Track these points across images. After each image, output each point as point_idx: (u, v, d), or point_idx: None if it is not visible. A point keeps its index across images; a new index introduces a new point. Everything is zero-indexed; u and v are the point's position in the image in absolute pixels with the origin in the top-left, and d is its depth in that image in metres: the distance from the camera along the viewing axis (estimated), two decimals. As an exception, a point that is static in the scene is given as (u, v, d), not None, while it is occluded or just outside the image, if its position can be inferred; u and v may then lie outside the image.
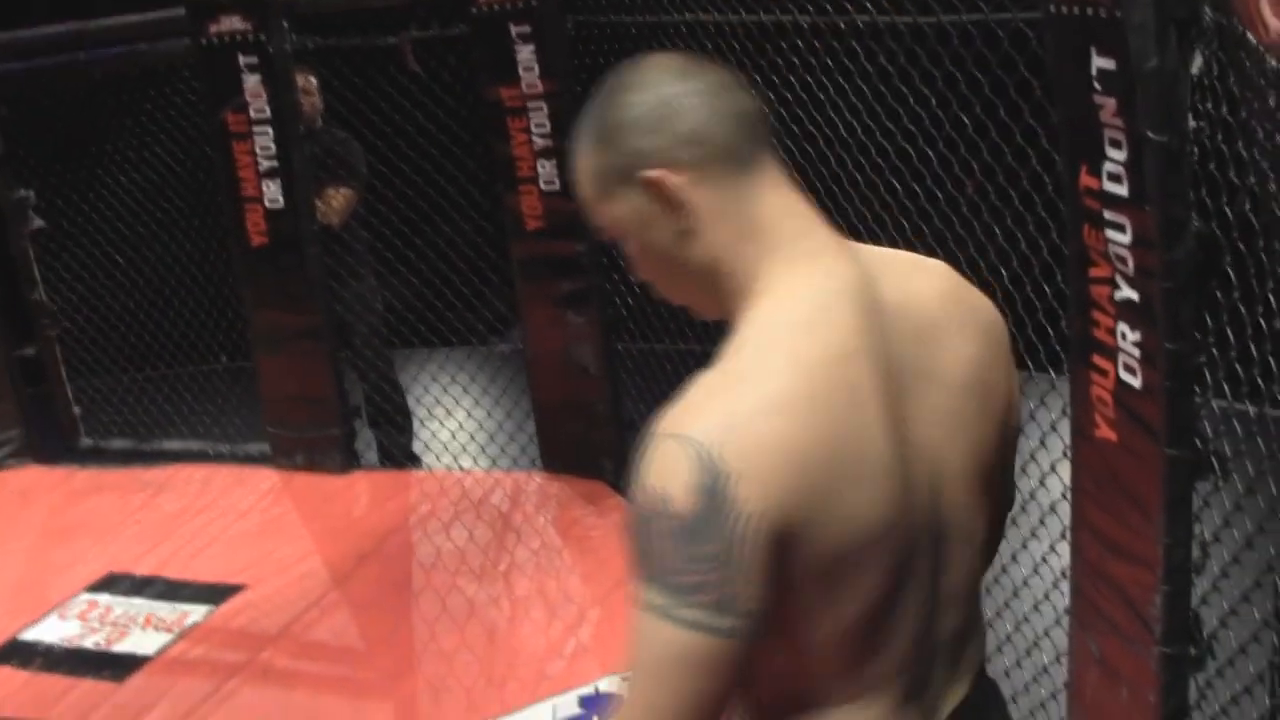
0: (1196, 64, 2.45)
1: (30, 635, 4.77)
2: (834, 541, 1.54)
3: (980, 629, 1.86)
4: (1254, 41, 2.17)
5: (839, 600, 1.58)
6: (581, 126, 1.71)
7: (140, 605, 4.92)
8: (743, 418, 1.51)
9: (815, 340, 1.58)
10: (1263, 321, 2.53)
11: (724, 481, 1.48)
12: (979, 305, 1.82)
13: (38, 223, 6.39)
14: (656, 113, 1.64)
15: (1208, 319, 2.60)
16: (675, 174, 1.63)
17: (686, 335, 5.54)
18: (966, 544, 1.74)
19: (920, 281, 1.76)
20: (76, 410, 6.66)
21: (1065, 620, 3.28)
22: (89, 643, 4.69)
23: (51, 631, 4.78)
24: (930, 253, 3.83)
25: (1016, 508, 3.77)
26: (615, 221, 1.69)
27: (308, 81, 5.86)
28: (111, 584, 5.12)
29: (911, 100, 3.95)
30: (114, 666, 4.50)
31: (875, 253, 1.76)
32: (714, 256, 1.65)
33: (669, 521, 1.50)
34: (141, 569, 5.23)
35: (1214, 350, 2.62)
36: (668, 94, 1.64)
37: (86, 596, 5.03)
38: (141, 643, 4.64)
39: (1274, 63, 2.15)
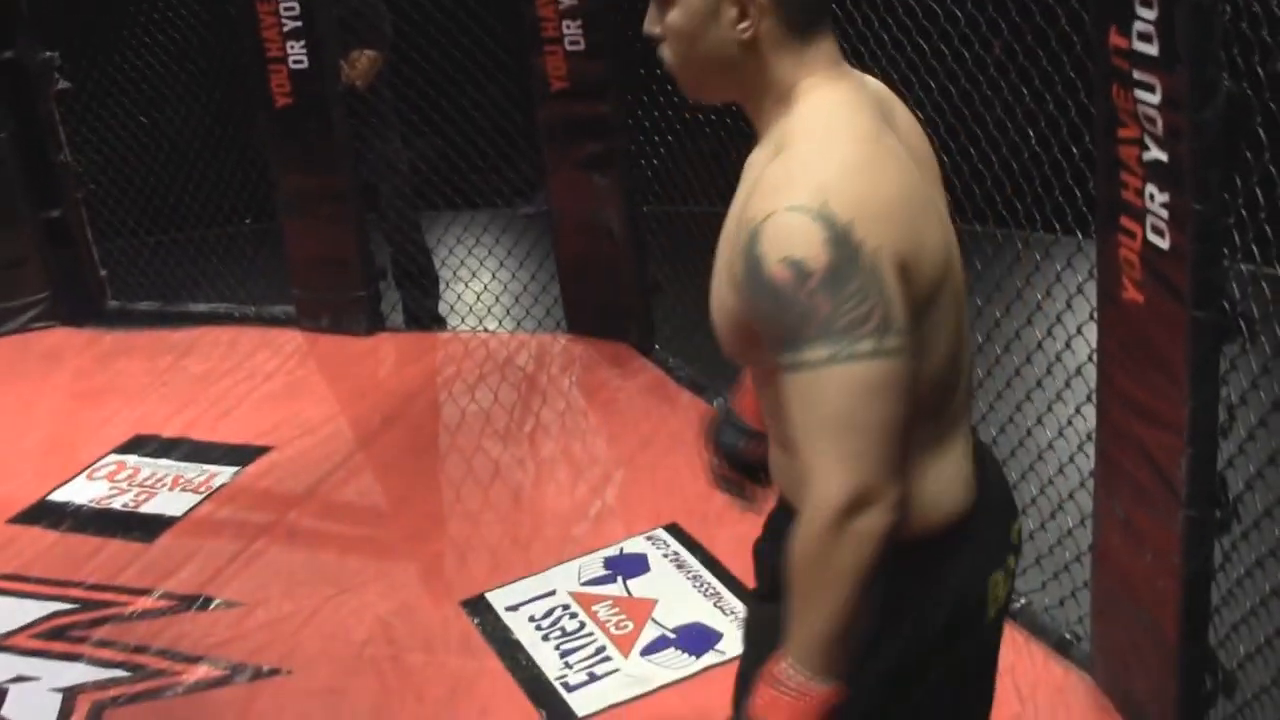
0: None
1: (59, 496, 4.81)
2: (930, 273, 1.72)
3: None
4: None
5: (938, 328, 1.76)
6: None
7: (168, 466, 4.96)
8: (834, 178, 1.67)
9: (861, 120, 1.77)
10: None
11: (844, 229, 1.63)
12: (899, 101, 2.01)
13: (63, 84, 6.36)
14: None
15: (1237, 180, 2.57)
16: None
17: (712, 197, 5.53)
18: (967, 296, 1.91)
19: (874, 84, 1.95)
20: (103, 272, 6.67)
21: (1090, 483, 3.27)
22: (117, 503, 4.73)
23: (80, 492, 4.83)
24: (957, 114, 3.81)
25: (1042, 370, 3.79)
26: (686, 10, 1.78)
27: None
28: (139, 445, 5.17)
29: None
30: (142, 527, 4.54)
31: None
32: (760, 70, 1.80)
33: (812, 279, 1.62)
34: (169, 430, 5.26)
35: (1243, 212, 2.59)
36: None
37: (114, 458, 5.07)
38: (169, 503, 4.69)
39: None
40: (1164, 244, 2.65)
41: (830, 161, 1.70)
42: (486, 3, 5.89)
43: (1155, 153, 2.61)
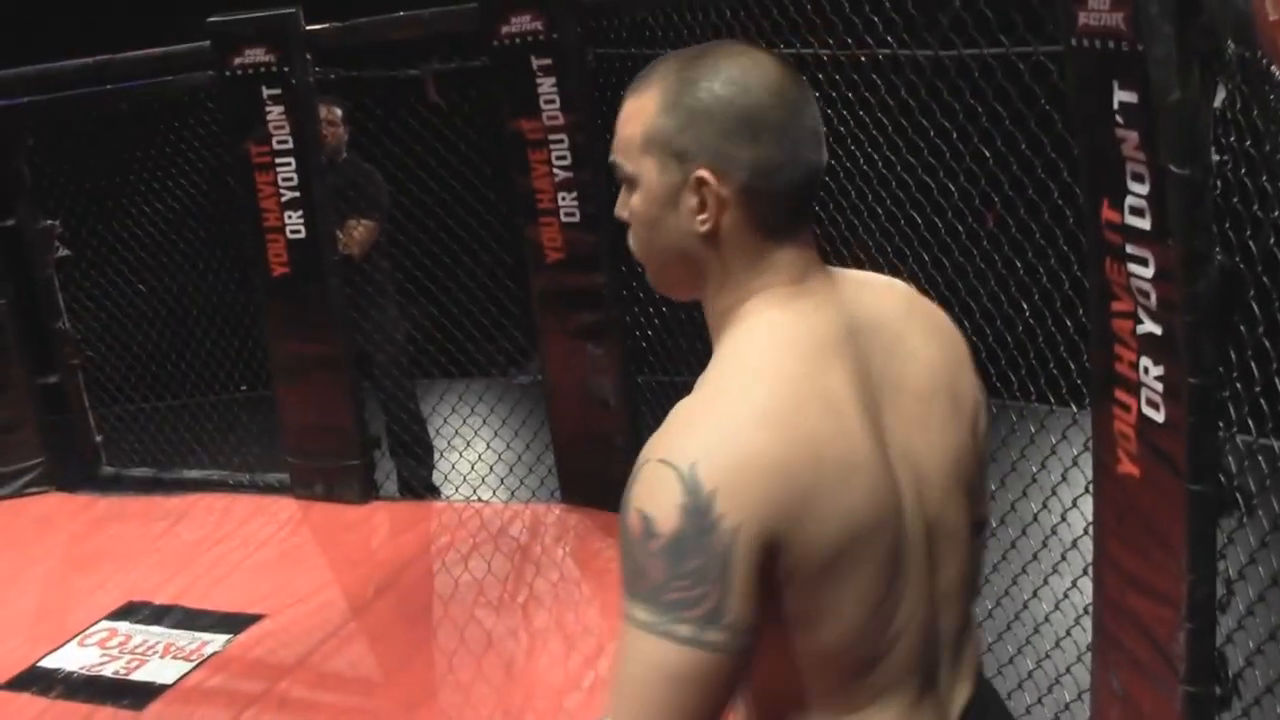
0: (1219, 97, 2.44)
1: (50, 663, 4.75)
2: (824, 544, 1.56)
3: (974, 629, 1.88)
4: (1277, 75, 2.16)
5: (839, 602, 1.60)
6: (661, 73, 1.71)
7: (159, 634, 4.92)
8: (720, 435, 1.55)
9: (795, 356, 1.63)
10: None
11: (705, 499, 1.51)
12: (937, 315, 1.86)
13: (62, 251, 6.42)
14: (741, 119, 1.64)
15: (1231, 353, 2.59)
16: (724, 185, 1.64)
17: (706, 366, 5.55)
18: (954, 542, 1.75)
19: (887, 298, 1.80)
20: (98, 438, 6.69)
21: (1087, 657, 3.25)
22: (108, 671, 4.67)
23: (71, 659, 4.77)
24: (951, 286, 3.84)
25: (1038, 542, 3.79)
26: (642, 181, 1.70)
27: (331, 112, 5.90)
28: (131, 612, 5.12)
29: (932, 133, 3.94)
30: (133, 695, 4.48)
31: (850, 275, 1.81)
32: (719, 267, 1.69)
33: (655, 541, 1.52)
34: (161, 597, 5.22)
35: (1238, 384, 2.61)
36: (762, 106, 1.64)
37: (106, 624, 5.02)
38: (160, 671, 4.63)
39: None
40: (1159, 417, 2.66)
41: (723, 417, 1.57)
42: (481, 173, 5.96)
43: (1149, 325, 2.63)
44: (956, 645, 1.80)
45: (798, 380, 1.60)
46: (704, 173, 1.64)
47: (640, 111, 1.70)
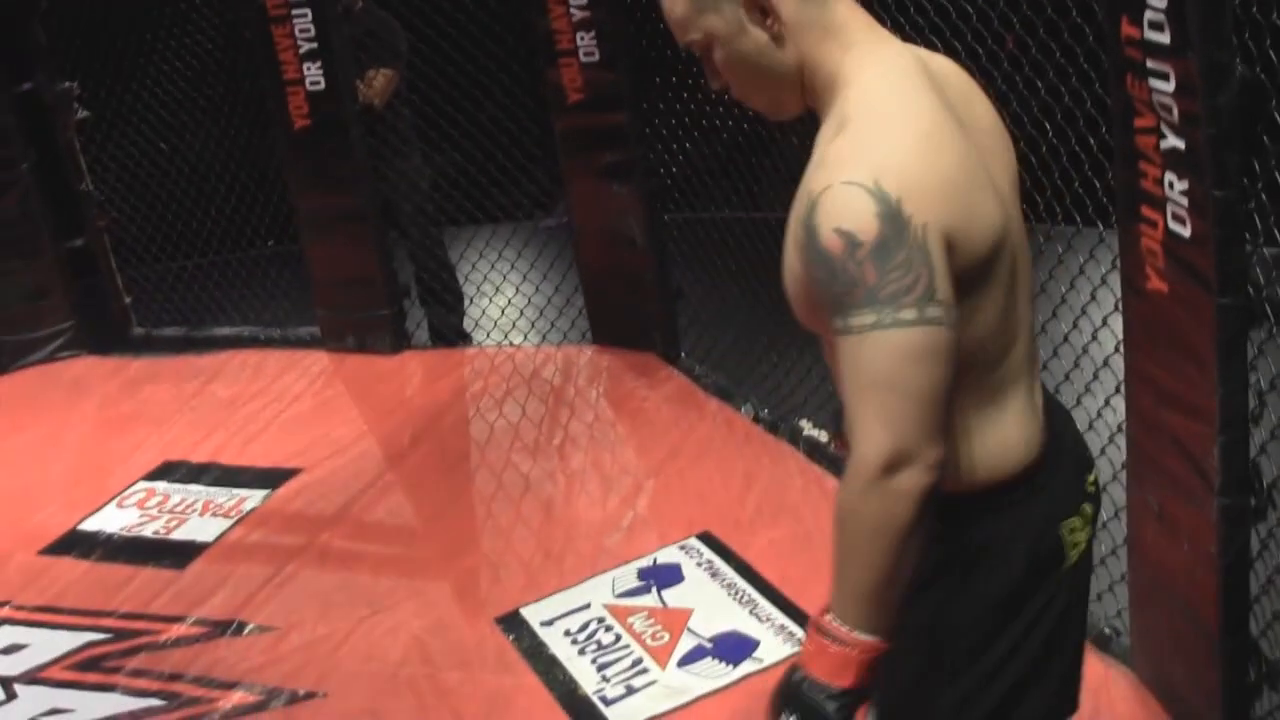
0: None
1: (90, 525, 4.82)
2: (977, 246, 1.79)
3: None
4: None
5: (985, 300, 1.84)
6: None
7: (197, 492, 4.97)
8: (888, 153, 1.74)
9: (912, 93, 1.84)
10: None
11: (895, 203, 1.70)
12: (968, 77, 2.07)
13: (82, 113, 6.39)
14: None
15: (1255, 165, 2.55)
16: None
17: (732, 202, 5.52)
18: (1026, 261, 1.99)
19: (941, 58, 2.05)
20: (127, 300, 6.70)
21: (1122, 475, 3.25)
22: (148, 531, 4.74)
23: (110, 521, 4.84)
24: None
25: (1070, 362, 3.77)
26: (709, 33, 1.88)
27: (345, -39, 5.81)
28: (168, 472, 5.18)
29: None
30: (174, 554, 4.54)
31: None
32: (801, 56, 1.88)
33: (861, 249, 1.70)
34: (197, 456, 5.28)
35: (1263, 197, 2.57)
36: None
37: (144, 485, 5.08)
38: (200, 529, 4.69)
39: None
40: (1186, 232, 2.63)
41: (884, 140, 1.77)
42: (499, 16, 5.89)
43: (1172, 140, 2.60)
44: (1036, 349, 2.06)
45: (926, 110, 1.82)
46: None
47: None
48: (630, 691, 3.57)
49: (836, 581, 1.80)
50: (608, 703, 3.53)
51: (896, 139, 1.77)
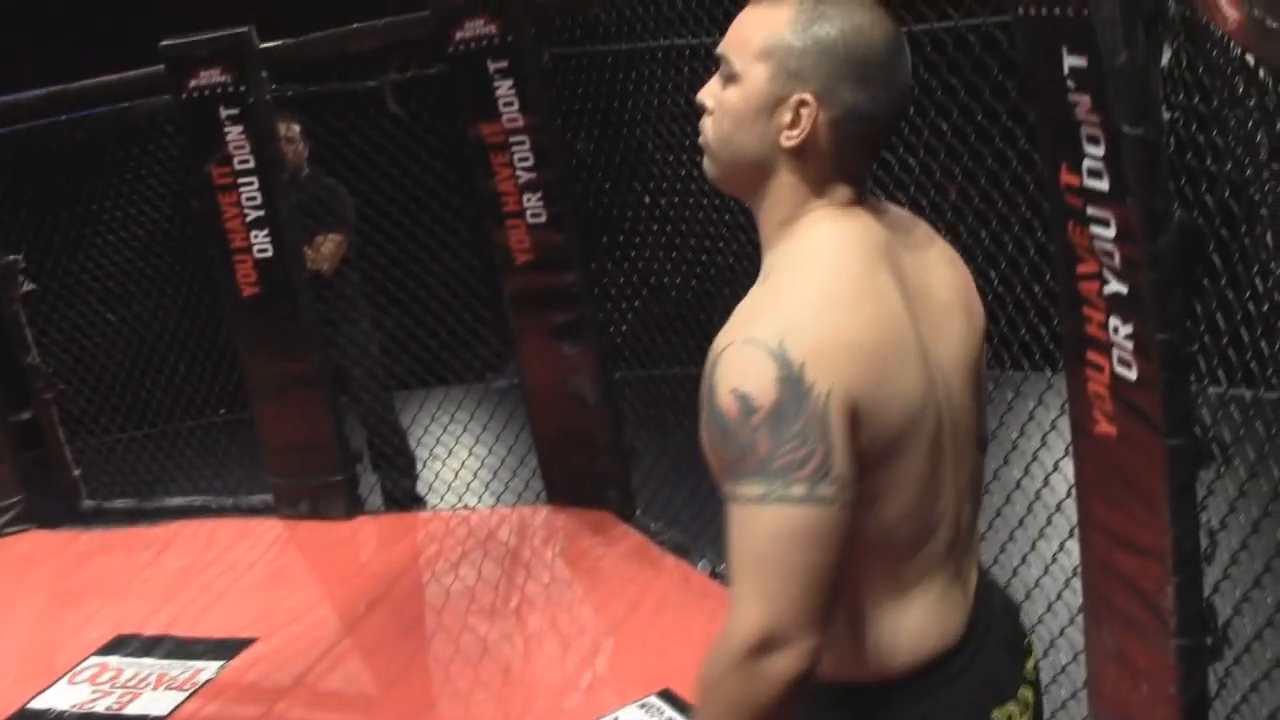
0: (1166, 57, 2.47)
1: (40, 703, 4.72)
2: (890, 421, 1.72)
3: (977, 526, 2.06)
4: (1216, 31, 2.19)
5: (899, 481, 1.76)
6: None
7: (151, 665, 4.89)
8: (799, 315, 1.70)
9: (854, 254, 1.79)
10: (1251, 305, 2.53)
11: (797, 369, 1.65)
12: (947, 246, 2.03)
13: (28, 286, 6.39)
14: (858, 64, 1.78)
15: (1197, 307, 2.60)
16: (821, 114, 1.78)
17: (683, 358, 5.55)
18: (969, 445, 1.93)
19: (914, 223, 1.99)
20: (76, 472, 6.64)
21: (1080, 619, 3.26)
22: (100, 707, 4.64)
23: (62, 698, 4.74)
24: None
25: (1023, 508, 3.80)
26: (747, 80, 1.82)
27: (290, 129, 5.87)
28: (120, 645, 5.09)
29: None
30: (128, 729, 4.46)
31: (882, 202, 1.98)
32: (788, 181, 1.83)
33: (756, 415, 1.65)
34: (150, 628, 5.19)
35: (1205, 337, 2.62)
36: (878, 59, 1.79)
37: (96, 660, 5.00)
38: (154, 703, 4.61)
39: (1237, 50, 2.17)
40: (1132, 375, 2.67)
41: (799, 297, 1.73)
42: (445, 181, 5.95)
43: (1115, 285, 2.65)
44: (971, 535, 1.98)
45: (860, 274, 1.77)
46: (809, 97, 1.77)
47: (769, 21, 1.82)
48: None
49: None
50: None
51: (810, 297, 1.73)
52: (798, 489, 1.64)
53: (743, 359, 1.67)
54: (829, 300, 1.72)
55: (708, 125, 1.89)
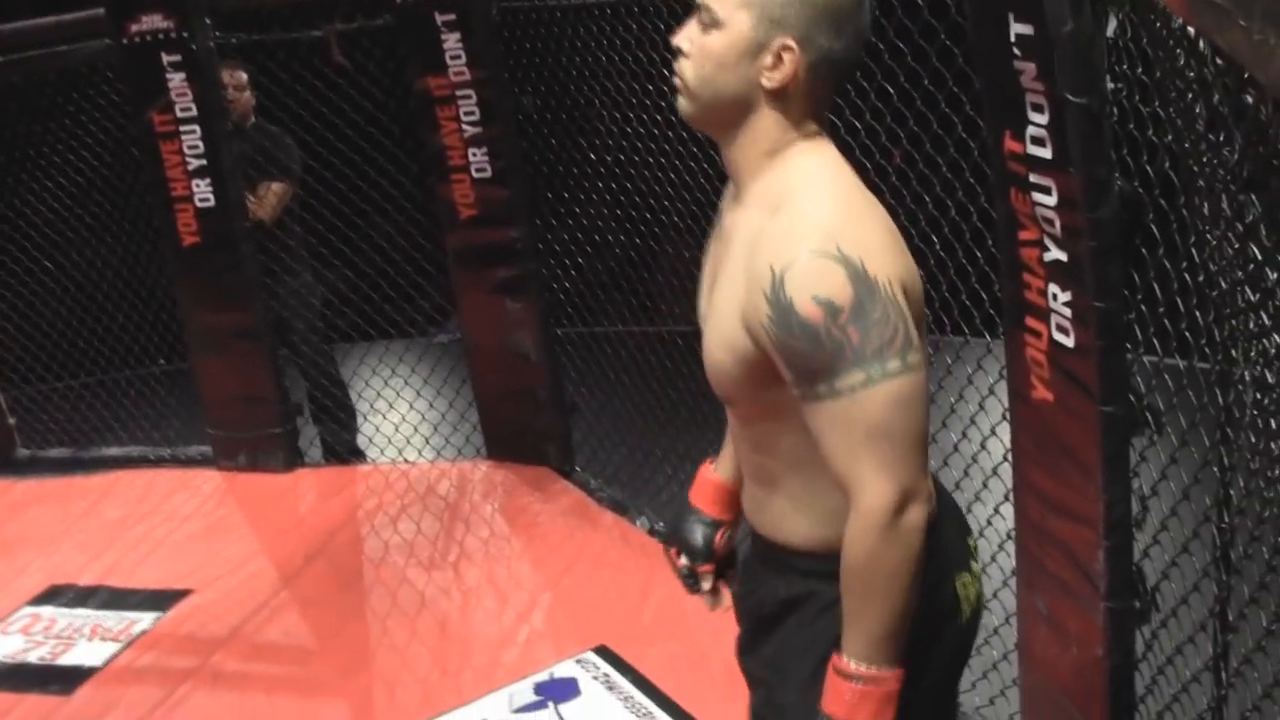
0: (1111, 26, 2.49)
1: (-28, 653, 4.70)
2: (916, 297, 1.95)
3: None
4: (1162, 3, 2.20)
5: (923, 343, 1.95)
6: None
7: (85, 616, 4.87)
8: (838, 222, 1.89)
9: (843, 173, 2.01)
10: (1188, 276, 2.56)
11: (860, 265, 1.84)
12: None
13: (-36, 234, 6.34)
14: (834, 14, 1.94)
15: (1135, 276, 2.63)
16: (804, 56, 1.94)
17: (625, 316, 5.56)
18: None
19: None
20: (11, 420, 6.60)
21: (1013, 582, 3.29)
22: (33, 657, 4.62)
23: (-6, 648, 4.73)
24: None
25: (960, 472, 3.82)
26: (730, 27, 1.96)
27: (236, 77, 5.80)
28: (54, 596, 5.06)
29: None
30: (61, 680, 4.43)
31: None
32: (767, 117, 1.98)
33: (841, 314, 1.83)
34: (85, 579, 5.17)
35: (1142, 307, 2.65)
36: (851, 10, 1.96)
37: (29, 610, 4.97)
38: (88, 654, 4.59)
39: (1179, 21, 2.19)
40: (1069, 342, 2.69)
41: (829, 210, 1.90)
42: (390, 134, 5.93)
43: (1055, 253, 2.66)
44: None
45: (859, 186, 1.99)
46: (790, 42, 1.93)
47: None
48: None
49: (860, 629, 1.93)
50: (507, 820, 3.51)
51: (840, 209, 1.91)
52: (894, 364, 1.84)
53: (812, 270, 1.84)
54: (852, 209, 1.93)
55: (686, 67, 2.01)
